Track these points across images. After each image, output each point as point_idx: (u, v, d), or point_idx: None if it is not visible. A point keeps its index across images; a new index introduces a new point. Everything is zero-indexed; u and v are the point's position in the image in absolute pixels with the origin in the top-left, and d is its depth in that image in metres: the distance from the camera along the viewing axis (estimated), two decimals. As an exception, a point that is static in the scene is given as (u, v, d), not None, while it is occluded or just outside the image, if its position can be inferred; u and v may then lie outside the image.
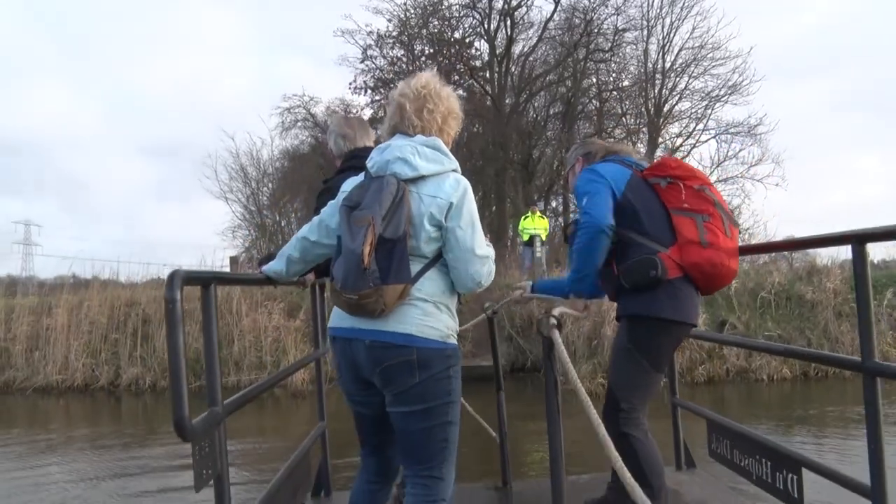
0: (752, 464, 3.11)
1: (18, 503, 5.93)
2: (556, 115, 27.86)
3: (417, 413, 2.29)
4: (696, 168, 3.29)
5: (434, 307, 2.31)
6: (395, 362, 2.25)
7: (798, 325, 12.58)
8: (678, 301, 2.89)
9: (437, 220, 2.28)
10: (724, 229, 2.94)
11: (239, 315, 13.73)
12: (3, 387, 13.61)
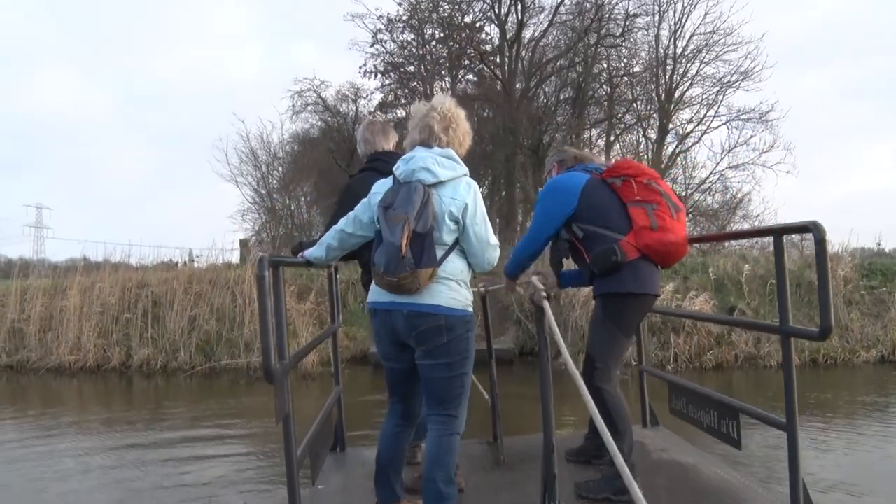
0: (703, 415, 3.88)
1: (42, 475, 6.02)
2: (567, 100, 27.73)
3: (442, 365, 2.98)
4: (644, 166, 3.95)
5: (456, 284, 3.00)
6: (429, 327, 2.93)
7: (807, 313, 12.56)
8: (639, 277, 3.52)
9: (455, 216, 2.95)
10: (671, 214, 3.56)
11: (250, 298, 13.80)
12: (18, 367, 13.75)
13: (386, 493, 3.24)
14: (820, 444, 6.47)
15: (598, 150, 28.75)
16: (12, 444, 7.35)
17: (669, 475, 3.90)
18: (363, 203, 3.21)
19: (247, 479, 5.88)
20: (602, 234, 3.56)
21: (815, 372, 11.33)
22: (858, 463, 6.03)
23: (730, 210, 25.65)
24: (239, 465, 6.37)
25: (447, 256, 2.99)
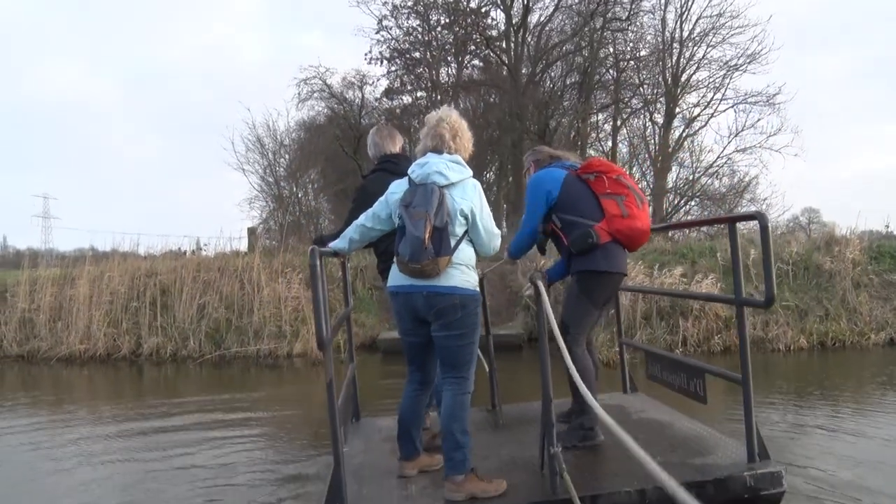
0: (674, 378, 4.51)
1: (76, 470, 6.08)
2: (573, 85, 27.62)
3: (455, 336, 3.55)
4: (613, 164, 4.58)
5: (466, 268, 3.57)
6: (446, 304, 3.50)
7: (816, 295, 12.58)
8: (609, 257, 4.16)
9: (465, 213, 3.53)
10: (637, 205, 4.21)
11: (259, 286, 13.85)
12: (29, 356, 13.85)
13: (408, 448, 3.87)
14: (829, 428, 6.48)
15: (605, 134, 28.71)
16: (27, 432, 7.42)
17: (648, 430, 4.46)
18: (381, 201, 3.77)
19: (260, 460, 5.94)
20: (578, 221, 4.19)
21: (822, 354, 11.33)
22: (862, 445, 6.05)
23: (737, 194, 25.60)
24: (253, 447, 6.42)
25: (458, 246, 3.56)
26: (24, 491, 5.35)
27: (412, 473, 3.91)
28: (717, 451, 3.98)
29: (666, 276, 12.45)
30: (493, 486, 3.56)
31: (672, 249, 14.38)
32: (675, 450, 3.91)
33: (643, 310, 12.02)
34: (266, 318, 13.44)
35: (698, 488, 3.49)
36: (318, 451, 6.51)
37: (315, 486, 5.54)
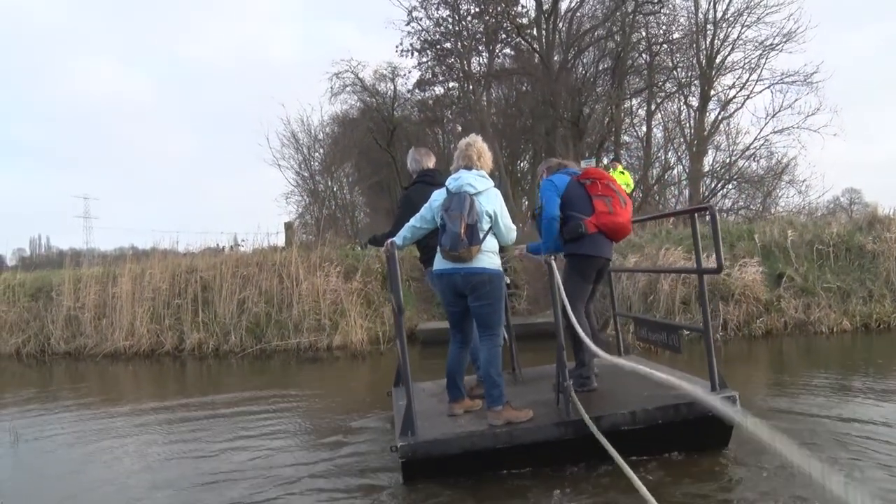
0: (656, 336, 6.00)
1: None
2: (606, 70, 27.44)
3: (486, 304, 4.97)
4: (605, 172, 6.13)
5: (492, 254, 4.99)
6: (478, 281, 4.92)
7: (858, 276, 12.38)
8: (595, 245, 5.54)
9: (490, 213, 4.95)
10: (620, 205, 5.58)
11: (297, 280, 13.98)
12: (75, 353, 14.14)
13: (455, 392, 5.35)
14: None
15: (639, 119, 28.48)
16: (82, 425, 7.58)
17: (637, 376, 4.79)
18: (426, 207, 5.16)
19: (301, 445, 6.02)
20: (574, 215, 5.53)
21: (867, 337, 11.16)
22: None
23: (775, 176, 25.26)
24: (291, 437, 6.51)
25: (485, 238, 4.94)
26: (76, 479, 5.47)
27: (459, 412, 5.31)
28: (689, 387, 4.18)
29: (705, 260, 12.29)
30: (523, 413, 4.97)
31: (709, 234, 14.21)
32: (659, 386, 4.33)
33: (682, 295, 11.93)
34: (305, 311, 13.56)
35: (675, 409, 4.90)
36: (363, 418, 7.15)
37: (368, 446, 6.12)
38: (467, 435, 4.85)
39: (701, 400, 2.56)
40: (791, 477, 4.35)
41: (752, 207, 25.32)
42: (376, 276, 14.58)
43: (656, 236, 14.33)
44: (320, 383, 9.99)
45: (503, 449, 4.81)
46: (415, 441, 4.76)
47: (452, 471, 4.80)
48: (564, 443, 4.80)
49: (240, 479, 5.27)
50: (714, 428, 4.87)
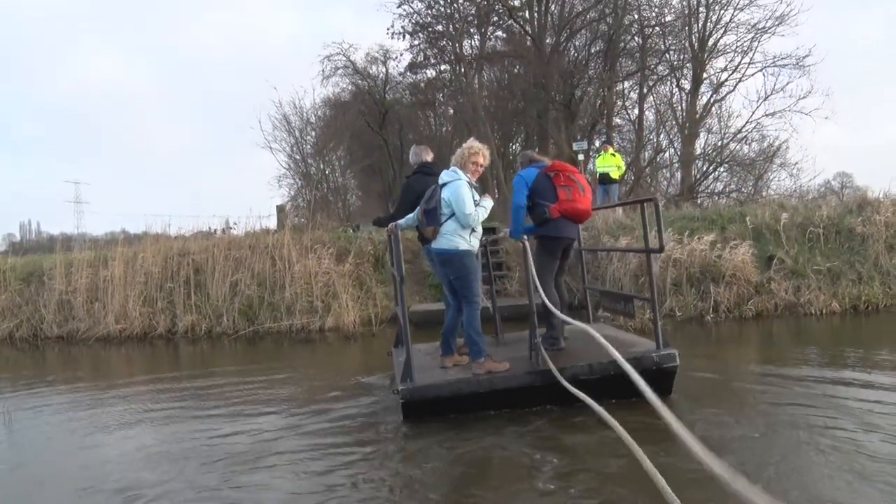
0: (617, 305, 7.44)
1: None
2: (598, 53, 27.38)
3: (456, 277, 6.03)
4: (568, 164, 6.89)
5: (451, 236, 5.95)
6: (444, 258, 5.99)
7: (848, 259, 12.45)
8: (559, 227, 6.50)
9: (447, 202, 5.92)
10: (579, 193, 6.46)
11: (290, 262, 13.99)
12: (68, 337, 14.13)
13: (447, 348, 6.55)
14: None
15: (631, 102, 28.45)
16: (73, 406, 7.60)
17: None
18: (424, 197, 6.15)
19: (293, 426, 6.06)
20: (541, 203, 6.47)
21: (856, 318, 11.25)
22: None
23: (766, 159, 25.32)
24: (289, 416, 6.55)
25: (445, 221, 5.94)
26: (74, 460, 5.49)
27: (449, 365, 6.45)
28: (640, 346, 6.53)
29: (695, 242, 12.38)
30: (501, 364, 6.10)
31: (701, 216, 14.29)
32: (618, 346, 4.97)
33: (673, 277, 12.00)
34: (298, 293, 13.58)
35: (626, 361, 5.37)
36: (367, 377, 8.23)
37: (371, 398, 7.24)
38: (455, 381, 6.03)
39: (617, 360, 3.47)
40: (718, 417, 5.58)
41: (743, 190, 25.40)
42: (368, 258, 14.60)
43: (647, 218, 14.34)
44: (315, 361, 10.05)
45: (484, 393, 5.95)
46: (412, 386, 5.88)
47: (443, 411, 5.90)
48: (535, 388, 5.91)
49: (257, 433, 5.98)
50: (659, 378, 5.82)
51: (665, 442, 4.24)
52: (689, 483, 3.83)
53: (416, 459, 5.03)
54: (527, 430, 5.47)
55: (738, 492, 1.86)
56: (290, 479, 4.78)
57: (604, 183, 16.64)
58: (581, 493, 4.16)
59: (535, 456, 4.89)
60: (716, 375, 7.39)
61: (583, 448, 4.97)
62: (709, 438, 5.05)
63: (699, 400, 6.14)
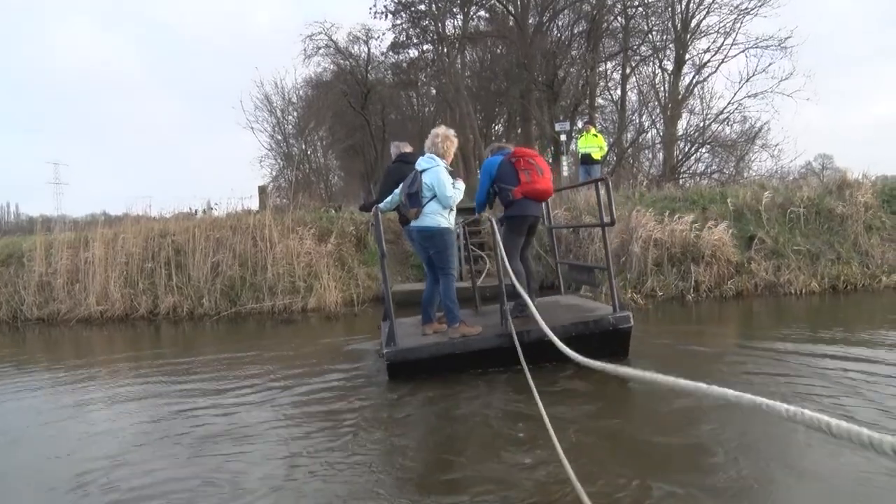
0: (582, 276, 9.28)
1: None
2: (581, 33, 27.31)
3: (436, 252, 6.69)
4: (529, 150, 7.57)
5: (434, 215, 6.58)
6: (426, 235, 6.65)
7: (827, 239, 12.57)
8: (522, 207, 7.03)
9: (429, 187, 6.51)
10: (538, 174, 6.99)
11: (271, 243, 13.95)
12: (49, 319, 14.02)
13: (427, 317, 7.20)
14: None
15: (614, 83, 28.43)
16: (54, 388, 7.57)
17: (567, 306, 7.79)
18: (402, 185, 6.77)
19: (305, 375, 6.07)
20: (505, 187, 7.04)
21: (834, 298, 11.36)
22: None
23: (748, 140, 25.41)
24: (271, 393, 6.55)
25: (427, 203, 6.56)
26: (54, 445, 5.47)
27: (429, 332, 7.10)
28: (599, 310, 7.20)
29: (676, 222, 12.45)
30: (474, 329, 6.83)
31: (682, 196, 14.36)
32: (580, 312, 7.24)
33: (654, 257, 12.06)
34: (280, 274, 13.55)
35: (584, 323, 6.71)
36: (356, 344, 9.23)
37: (360, 363, 7.77)
38: (434, 344, 6.75)
39: (543, 328, 4.26)
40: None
41: (725, 171, 25.48)
42: (350, 238, 14.58)
43: (629, 199, 14.44)
44: (298, 339, 10.03)
45: (459, 354, 6.65)
46: (396, 349, 6.63)
47: (424, 371, 6.58)
48: (504, 350, 6.39)
49: (255, 392, 6.42)
50: (616, 337, 6.70)
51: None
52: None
53: (399, 424, 5.41)
54: (505, 393, 6.00)
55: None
56: (267, 448, 4.84)
57: (586, 163, 16.65)
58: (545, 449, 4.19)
59: (510, 421, 5.14)
60: (699, 348, 7.65)
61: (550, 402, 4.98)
62: (688, 408, 5.13)
63: (676, 367, 6.25)
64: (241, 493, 4.10)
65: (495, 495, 3.84)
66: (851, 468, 3.92)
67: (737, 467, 4.01)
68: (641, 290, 11.69)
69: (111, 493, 4.23)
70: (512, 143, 8.63)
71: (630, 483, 3.84)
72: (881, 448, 1.30)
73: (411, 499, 3.88)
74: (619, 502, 3.64)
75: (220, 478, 4.36)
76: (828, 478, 3.88)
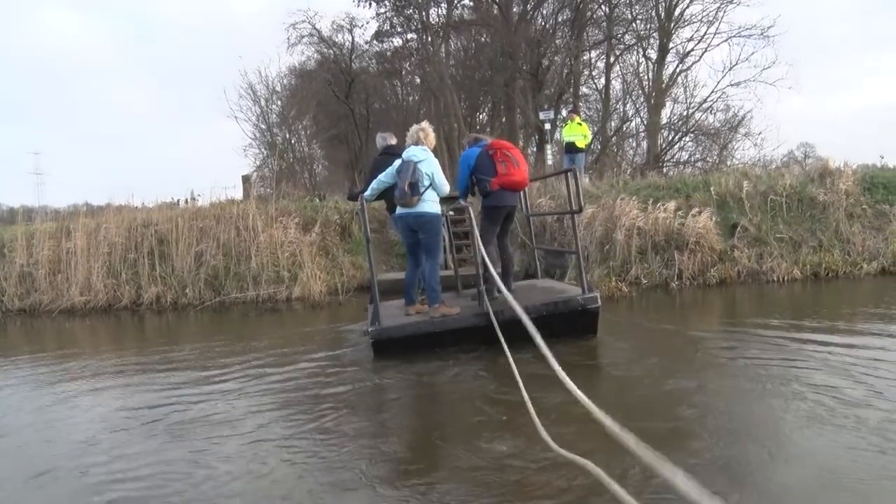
0: (556, 260, 11.23)
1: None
2: (565, 22, 27.31)
3: (428, 236, 7.27)
4: (506, 142, 7.87)
5: (431, 202, 7.20)
6: (423, 220, 7.19)
7: (809, 227, 12.66)
8: (499, 197, 7.47)
9: (428, 175, 7.13)
10: (514, 166, 7.37)
11: (255, 231, 13.90)
12: (30, 310, 13.89)
13: (409, 299, 7.75)
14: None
15: (598, 71, 28.45)
16: (35, 377, 7.52)
17: (541, 288, 8.41)
18: (388, 171, 7.38)
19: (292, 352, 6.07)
20: (483, 178, 7.46)
21: (816, 285, 11.46)
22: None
23: (731, 129, 25.52)
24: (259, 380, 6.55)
25: (425, 191, 7.12)
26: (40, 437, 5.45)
27: (412, 312, 7.62)
28: (569, 291, 7.65)
29: (660, 210, 12.49)
30: (453, 309, 7.33)
31: (666, 185, 14.41)
32: (552, 293, 7.73)
33: (638, 245, 12.11)
34: (264, 263, 13.50)
35: (555, 304, 7.19)
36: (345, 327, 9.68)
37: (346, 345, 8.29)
38: (415, 323, 7.27)
39: (519, 314, 3.85)
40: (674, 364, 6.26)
41: (708, 160, 25.61)
42: (335, 227, 14.55)
43: (613, 187, 14.48)
44: (283, 328, 10.01)
45: (439, 332, 7.14)
46: (380, 328, 7.10)
47: (406, 347, 7.04)
48: (480, 328, 6.78)
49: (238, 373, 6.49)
50: (584, 317, 7.21)
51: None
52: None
53: (380, 408, 5.66)
54: (486, 378, 6.16)
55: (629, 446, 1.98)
56: (245, 434, 4.84)
57: (570, 152, 16.65)
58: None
59: (491, 404, 5.29)
60: (677, 327, 7.98)
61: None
62: (673, 390, 5.18)
63: (658, 353, 6.39)
64: (213, 477, 4.12)
65: (473, 481, 3.86)
66: (837, 446, 3.97)
67: (720, 448, 4.04)
68: (626, 277, 11.73)
69: (84, 478, 4.24)
70: (488, 134, 9.13)
71: (613, 468, 3.86)
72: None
73: (391, 483, 3.91)
74: (601, 486, 3.65)
75: (195, 462, 4.38)
76: (813, 454, 3.94)
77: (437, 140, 25.52)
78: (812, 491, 3.54)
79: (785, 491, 3.54)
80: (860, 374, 5.38)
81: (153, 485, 4.06)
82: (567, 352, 6.54)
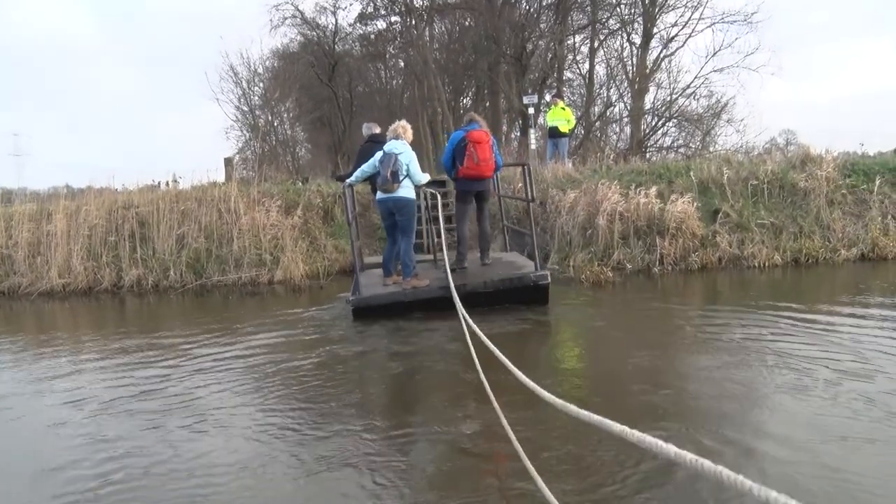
0: (520, 241, 11.43)
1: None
2: (549, 6, 27.24)
3: (405, 218, 8.48)
4: (480, 134, 8.59)
5: (409, 189, 8.43)
6: (401, 204, 8.41)
7: (790, 213, 12.73)
8: (464, 183, 8.73)
9: (406, 166, 8.31)
10: (474, 161, 8.45)
11: (237, 214, 13.83)
12: (9, 293, 13.76)
13: (387, 271, 8.97)
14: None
15: (582, 56, 28.45)
16: (14, 360, 7.48)
17: (504, 263, 9.60)
18: (370, 162, 8.47)
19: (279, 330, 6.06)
20: (458, 165, 8.56)
21: (796, 271, 11.55)
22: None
23: (714, 115, 25.59)
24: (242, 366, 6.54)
25: (403, 179, 8.22)
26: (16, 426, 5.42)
27: (389, 283, 8.82)
28: (526, 268, 8.86)
29: (642, 195, 12.52)
30: (423, 281, 8.47)
31: (649, 170, 14.44)
32: (512, 269, 8.82)
33: (620, 230, 12.15)
34: (246, 246, 13.44)
35: (510, 279, 8.43)
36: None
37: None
38: (390, 293, 8.51)
39: (452, 293, 6.34)
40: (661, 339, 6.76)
41: (691, 145, 25.68)
42: (317, 210, 14.49)
43: (596, 172, 14.50)
44: (264, 309, 9.99)
45: (411, 301, 8.35)
46: (360, 297, 8.43)
47: (382, 314, 8.23)
48: (447, 299, 7.15)
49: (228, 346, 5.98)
50: (536, 291, 8.47)
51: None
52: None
53: (358, 383, 6.02)
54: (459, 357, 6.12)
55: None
56: (224, 415, 4.84)
57: (554, 137, 16.67)
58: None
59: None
60: (672, 312, 8.16)
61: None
62: (661, 369, 5.23)
63: (643, 332, 6.39)
64: (180, 455, 4.20)
65: (446, 458, 3.94)
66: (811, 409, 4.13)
67: (695, 427, 4.09)
68: (608, 262, 11.76)
69: (50, 462, 4.24)
70: (483, 119, 9.43)
71: (580, 454, 3.91)
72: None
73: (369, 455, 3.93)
74: (565, 474, 3.68)
75: (176, 443, 4.42)
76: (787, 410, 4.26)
77: (421, 124, 25.70)
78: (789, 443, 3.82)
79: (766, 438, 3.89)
80: (855, 346, 5.58)
81: (141, 466, 4.09)
82: (537, 336, 7.54)
